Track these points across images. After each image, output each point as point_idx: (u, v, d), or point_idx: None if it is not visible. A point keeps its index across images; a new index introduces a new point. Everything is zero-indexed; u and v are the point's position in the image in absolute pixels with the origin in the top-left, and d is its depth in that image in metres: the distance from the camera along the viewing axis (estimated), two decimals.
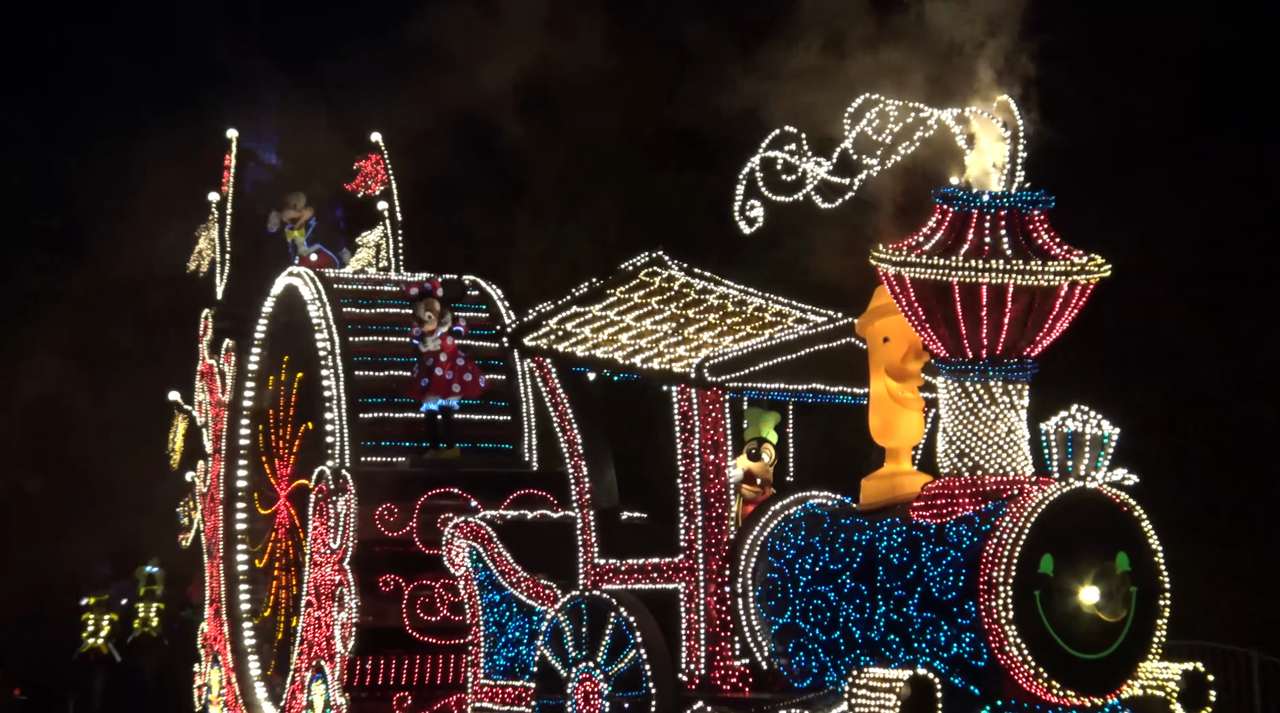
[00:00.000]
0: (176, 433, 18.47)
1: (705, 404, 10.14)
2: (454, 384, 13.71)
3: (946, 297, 9.05)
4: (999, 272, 8.90)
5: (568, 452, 10.99)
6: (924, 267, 9.02)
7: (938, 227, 9.24)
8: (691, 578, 10.17)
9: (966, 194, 9.13)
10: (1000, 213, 9.09)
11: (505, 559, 11.51)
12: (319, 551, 13.57)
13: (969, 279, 8.93)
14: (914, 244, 9.21)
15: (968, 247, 9.06)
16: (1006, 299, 8.98)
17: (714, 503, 10.14)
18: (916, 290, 9.12)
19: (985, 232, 9.07)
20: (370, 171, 17.99)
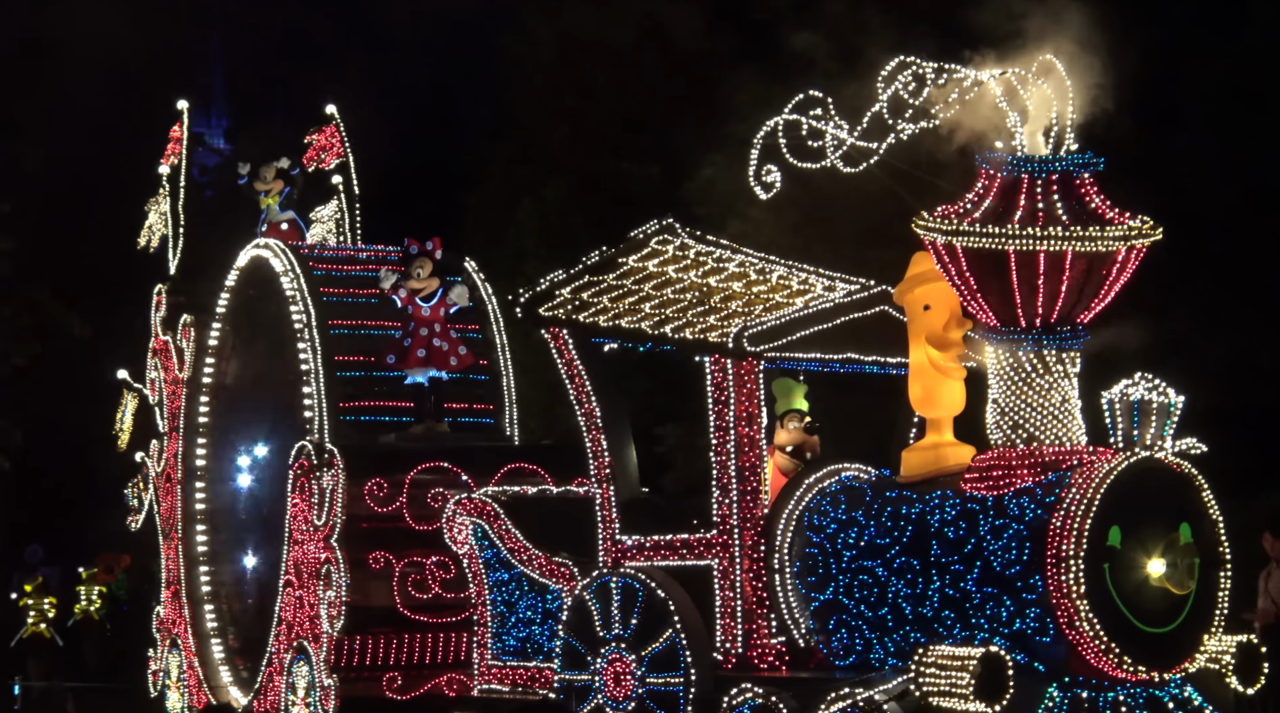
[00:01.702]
0: (126, 412, 17.47)
1: (740, 375, 9.51)
2: (450, 356, 12.92)
3: (1001, 265, 8.49)
4: (1058, 238, 8.36)
5: (586, 425, 10.30)
6: (979, 235, 8.45)
7: (985, 192, 8.68)
8: (725, 554, 9.53)
9: (1016, 158, 8.56)
10: (1051, 177, 8.54)
11: (515, 536, 10.80)
12: (300, 528, 12.75)
13: (1027, 246, 8.37)
14: (961, 212, 8.65)
15: (1021, 212, 8.51)
16: (1064, 265, 8.44)
17: (748, 476, 9.51)
18: (968, 259, 8.55)
19: (1037, 197, 8.52)
20: (325, 144, 17.10)
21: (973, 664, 8.02)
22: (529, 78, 23.78)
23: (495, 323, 14.02)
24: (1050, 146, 8.54)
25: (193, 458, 15.58)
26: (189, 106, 17.17)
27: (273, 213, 15.52)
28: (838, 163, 8.96)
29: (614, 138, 23.20)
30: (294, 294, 13.56)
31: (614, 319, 10.15)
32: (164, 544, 16.14)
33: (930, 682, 8.18)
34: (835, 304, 9.66)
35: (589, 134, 23.28)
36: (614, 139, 23.19)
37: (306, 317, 13.39)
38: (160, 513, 16.30)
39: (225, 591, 15.29)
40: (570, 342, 10.34)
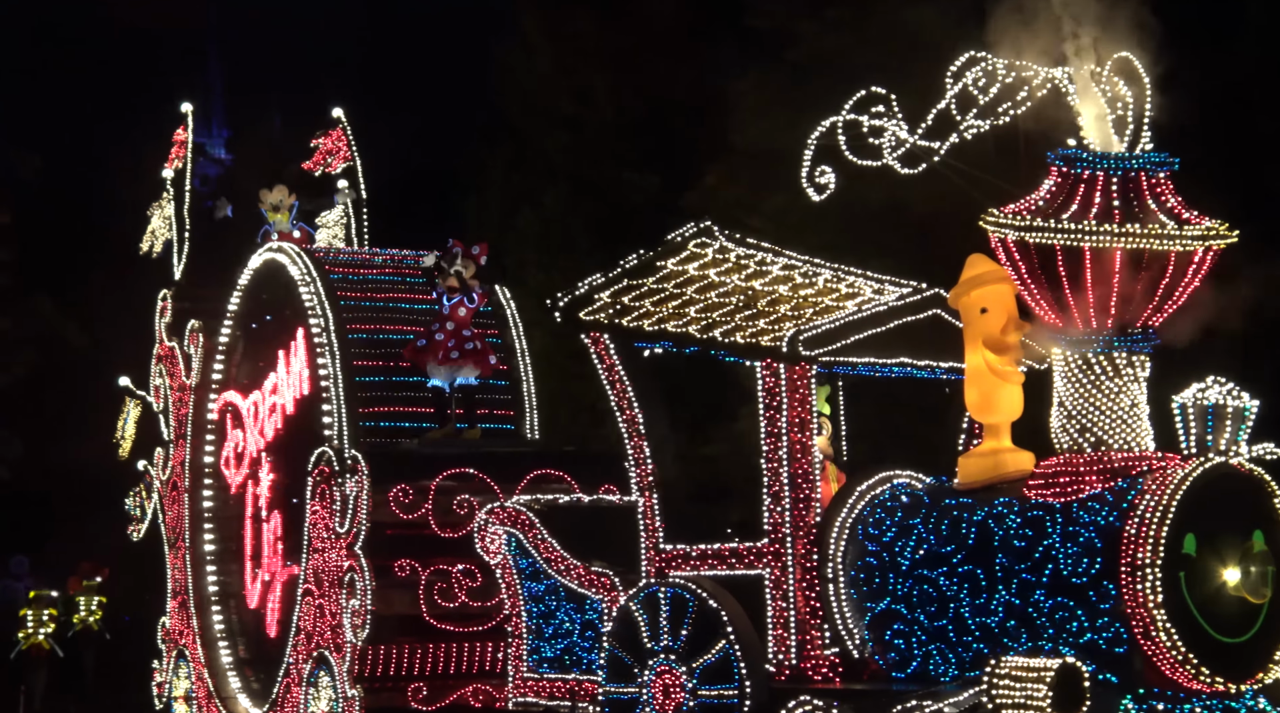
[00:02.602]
0: (128, 420, 16.99)
1: (793, 380, 9.13)
2: (489, 355, 12.52)
3: (1075, 263, 8.14)
4: (1137, 236, 8.02)
5: (627, 432, 9.90)
6: (1055, 231, 8.10)
7: (1056, 190, 8.33)
8: (777, 563, 9.15)
9: (1090, 156, 8.22)
10: (1128, 175, 8.21)
11: (551, 546, 10.38)
12: (320, 536, 12.32)
13: (1104, 243, 8.03)
14: (1032, 209, 8.30)
15: (1096, 210, 8.17)
16: (1140, 265, 8.10)
17: (800, 484, 9.13)
18: (1040, 257, 8.20)
19: (1113, 194, 8.19)
20: (331, 148, 16.69)
21: (1049, 676, 7.67)
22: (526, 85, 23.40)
23: (515, 328, 13.66)
24: (1125, 145, 8.21)
25: (200, 458, 15.14)
26: (192, 109, 16.76)
27: (280, 224, 15.11)
28: (894, 163, 8.61)
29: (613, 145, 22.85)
30: (311, 299, 13.15)
31: (658, 323, 9.76)
32: (170, 554, 15.68)
33: (1004, 694, 7.82)
34: (889, 307, 9.29)
35: (588, 142, 22.91)
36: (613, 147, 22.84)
37: (324, 321, 12.98)
38: (166, 522, 15.84)
39: (234, 601, 14.85)
40: (611, 346, 9.95)
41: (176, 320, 15.86)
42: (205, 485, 15.15)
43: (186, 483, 15.24)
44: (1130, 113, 8.28)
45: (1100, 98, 8.33)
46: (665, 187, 22.54)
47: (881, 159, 8.50)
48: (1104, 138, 8.34)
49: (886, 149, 8.48)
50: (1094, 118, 8.36)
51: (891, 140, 8.47)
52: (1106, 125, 8.34)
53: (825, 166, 8.77)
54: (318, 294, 13.13)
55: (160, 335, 16.20)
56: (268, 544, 13.99)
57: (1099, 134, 8.35)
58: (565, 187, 22.58)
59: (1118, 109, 8.22)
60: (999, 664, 7.89)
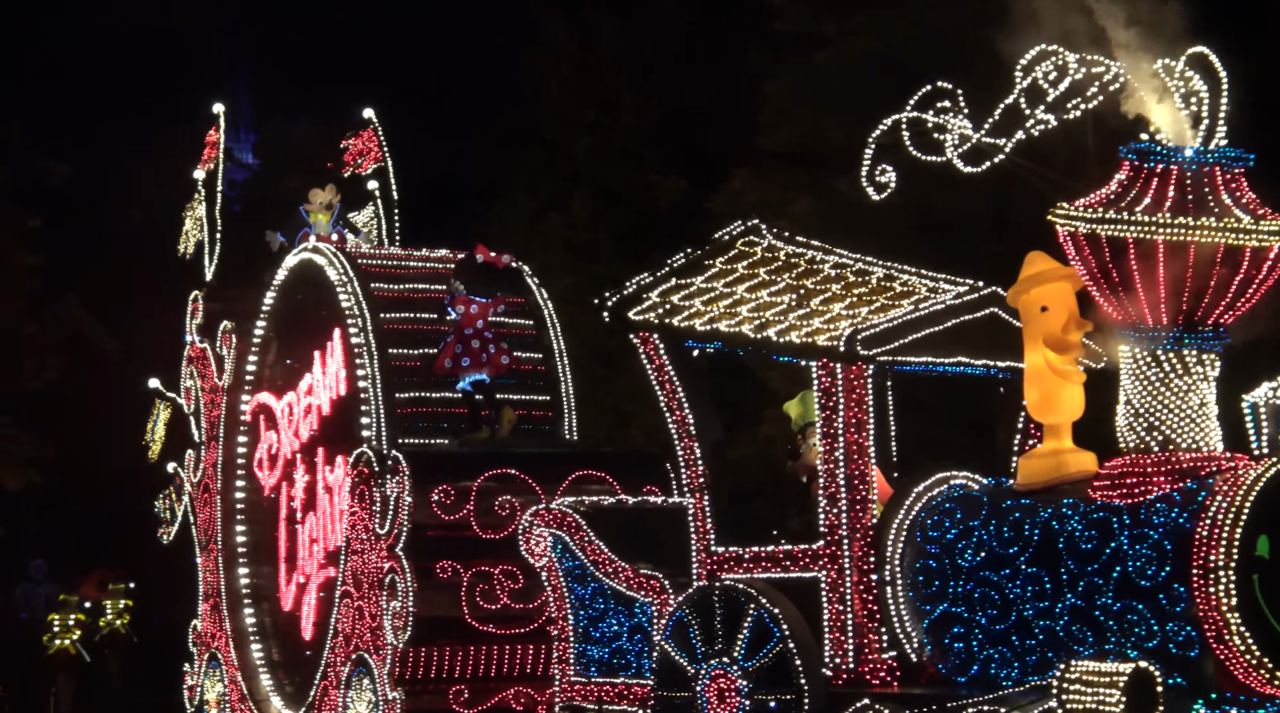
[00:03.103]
0: (158, 422, 16.78)
1: (850, 379, 8.92)
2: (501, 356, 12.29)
3: (1147, 257, 7.91)
4: (1213, 230, 7.80)
5: (678, 433, 9.69)
6: (1128, 224, 7.87)
7: (1129, 184, 8.11)
8: (834, 566, 8.93)
9: (1165, 149, 8.00)
10: (1203, 169, 7.99)
11: (598, 548, 10.16)
12: (359, 537, 12.11)
13: (1179, 237, 7.80)
14: (1103, 202, 8.08)
15: (1170, 203, 7.94)
16: (1215, 260, 7.88)
17: (857, 485, 8.92)
18: (1111, 250, 7.97)
19: (1188, 188, 7.97)
20: (362, 149, 16.48)
21: (1123, 681, 7.44)
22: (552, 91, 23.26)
23: (552, 327, 13.45)
24: (1200, 140, 7.98)
25: (233, 460, 14.93)
26: (224, 110, 16.57)
27: (320, 226, 14.89)
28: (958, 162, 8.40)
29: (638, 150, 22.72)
30: (349, 299, 12.95)
31: (710, 323, 9.55)
32: (201, 556, 15.48)
33: (1075, 700, 7.58)
34: (947, 306, 9.07)
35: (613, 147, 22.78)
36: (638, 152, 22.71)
37: (362, 322, 12.79)
38: (197, 525, 15.63)
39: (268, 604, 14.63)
40: (661, 346, 9.74)
41: (208, 322, 15.66)
42: (238, 487, 14.94)
43: (219, 485, 15.04)
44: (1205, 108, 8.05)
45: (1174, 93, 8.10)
46: (691, 191, 22.44)
47: (944, 156, 8.27)
48: (1178, 133, 8.12)
49: (950, 146, 8.26)
50: (1168, 113, 8.14)
51: (955, 137, 8.25)
52: (1181, 120, 8.12)
53: (886, 165, 8.54)
54: (355, 295, 12.93)
55: (191, 337, 16.00)
56: (303, 546, 13.78)
57: (1173, 129, 8.13)
58: (591, 192, 22.45)
59: (1192, 104, 8.00)
60: (1069, 669, 7.66)
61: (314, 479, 13.66)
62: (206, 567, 15.30)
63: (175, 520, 16.41)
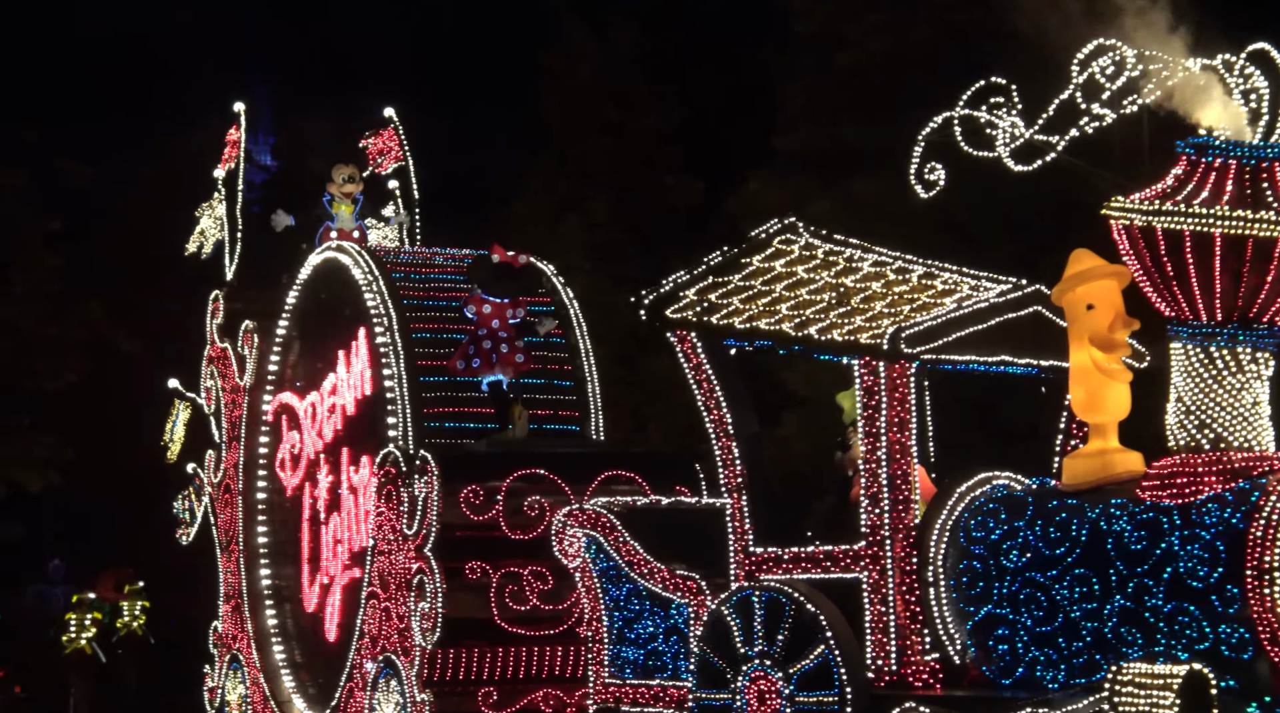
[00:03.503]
0: (177, 422, 16.63)
1: (892, 378, 8.78)
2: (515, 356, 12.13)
3: (1203, 251, 7.76)
4: (1273, 224, 7.64)
5: (715, 432, 9.54)
6: (1187, 216, 7.71)
7: (1185, 178, 7.96)
8: (876, 566, 8.78)
9: (1223, 144, 7.85)
10: (1262, 164, 7.84)
11: (633, 549, 10.01)
12: (386, 538, 11.96)
13: (1238, 230, 7.65)
14: (1160, 196, 7.93)
15: (1226, 198, 7.79)
16: (1273, 254, 7.73)
17: (899, 485, 8.77)
18: (1167, 244, 7.82)
19: (1246, 182, 7.82)
20: (382, 148, 16.34)
21: (1177, 683, 7.30)
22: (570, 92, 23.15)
23: (578, 328, 13.31)
24: (1259, 135, 7.83)
25: (255, 460, 14.79)
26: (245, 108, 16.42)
27: (344, 219, 14.74)
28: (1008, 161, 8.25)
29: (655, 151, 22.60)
30: (374, 299, 12.80)
31: (749, 321, 9.41)
32: (222, 557, 15.33)
33: (1127, 702, 7.44)
34: (990, 304, 8.92)
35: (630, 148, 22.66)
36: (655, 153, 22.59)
37: (388, 321, 12.64)
38: (218, 525, 15.49)
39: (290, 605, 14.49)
40: (699, 345, 9.60)
41: (229, 321, 15.53)
42: (259, 488, 14.81)
43: (240, 485, 14.90)
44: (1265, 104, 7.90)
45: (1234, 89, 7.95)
46: (708, 192, 22.33)
47: (995, 152, 8.13)
48: (1236, 128, 7.97)
49: (1001, 144, 8.11)
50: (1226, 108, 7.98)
51: (1006, 135, 8.10)
52: (1239, 115, 7.97)
53: (935, 162, 8.39)
54: (380, 294, 12.79)
55: (212, 337, 15.86)
56: (326, 547, 13.63)
57: (1231, 124, 7.98)
58: (609, 193, 22.33)
59: (1251, 101, 7.85)
60: (1120, 671, 7.52)
61: (338, 480, 13.52)
62: (227, 568, 15.15)
63: (194, 521, 16.26)
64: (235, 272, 15.90)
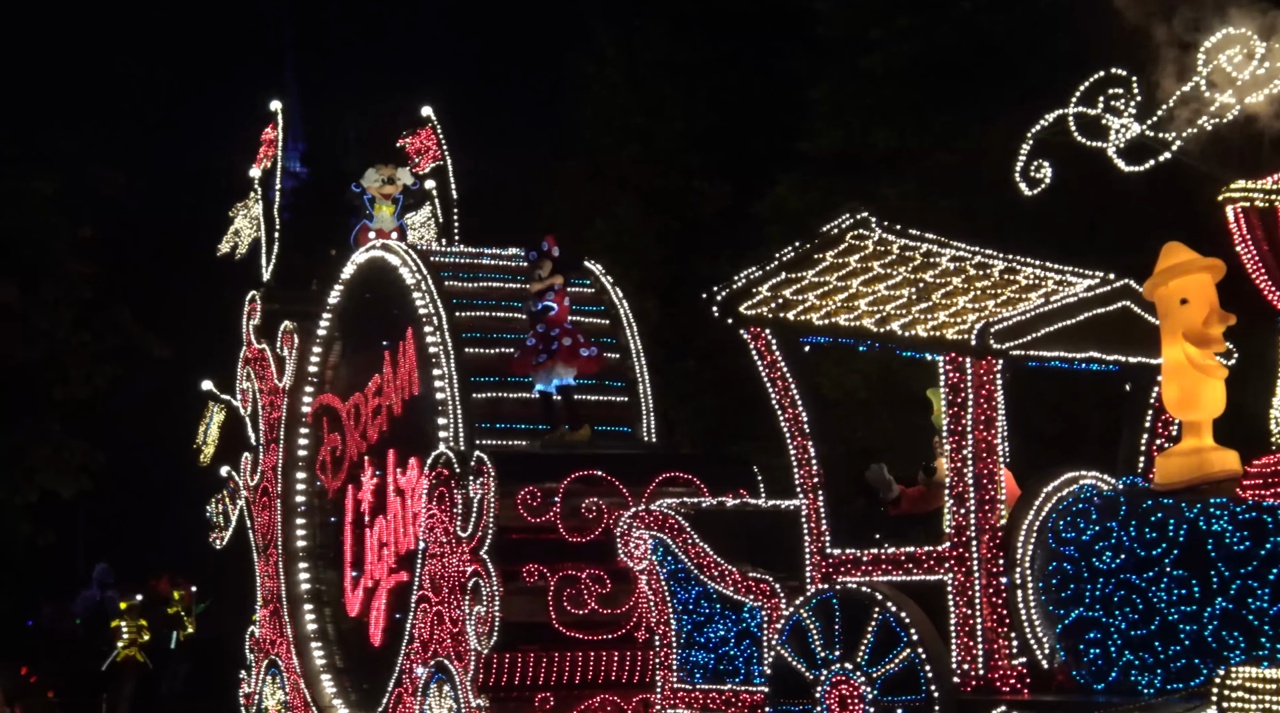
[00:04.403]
0: (212, 425, 16.35)
1: (979, 374, 8.51)
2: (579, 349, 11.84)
3: None
4: None
5: (790, 432, 9.28)
6: None
7: None
8: (961, 568, 8.51)
9: None
10: None
11: (704, 551, 9.73)
12: (438, 540, 11.68)
13: None
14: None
15: None
16: None
17: (986, 484, 8.51)
18: None
19: None
20: (420, 147, 16.07)
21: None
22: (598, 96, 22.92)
23: (628, 327, 13.05)
24: None
25: (294, 462, 14.51)
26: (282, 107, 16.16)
27: (384, 220, 14.48)
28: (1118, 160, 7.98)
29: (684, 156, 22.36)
30: (424, 299, 12.54)
31: (827, 317, 9.14)
32: (260, 561, 15.05)
33: (1237, 708, 7.17)
34: (1079, 298, 8.66)
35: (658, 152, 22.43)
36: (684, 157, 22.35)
37: (438, 321, 12.38)
38: (255, 529, 15.20)
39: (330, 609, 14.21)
40: (773, 342, 9.33)
41: (266, 322, 15.26)
42: (298, 490, 14.53)
43: (279, 488, 14.62)
44: None
45: None
46: (736, 197, 22.06)
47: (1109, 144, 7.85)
48: None
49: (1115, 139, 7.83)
50: None
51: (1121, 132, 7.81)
52: None
53: (1042, 159, 8.12)
54: (430, 293, 12.53)
55: (249, 338, 15.59)
56: (371, 550, 13.34)
57: None
58: (637, 198, 22.09)
59: None
60: (1229, 675, 7.24)
61: (383, 482, 13.24)
62: (265, 571, 14.87)
63: (229, 525, 16.00)
64: (273, 272, 15.65)
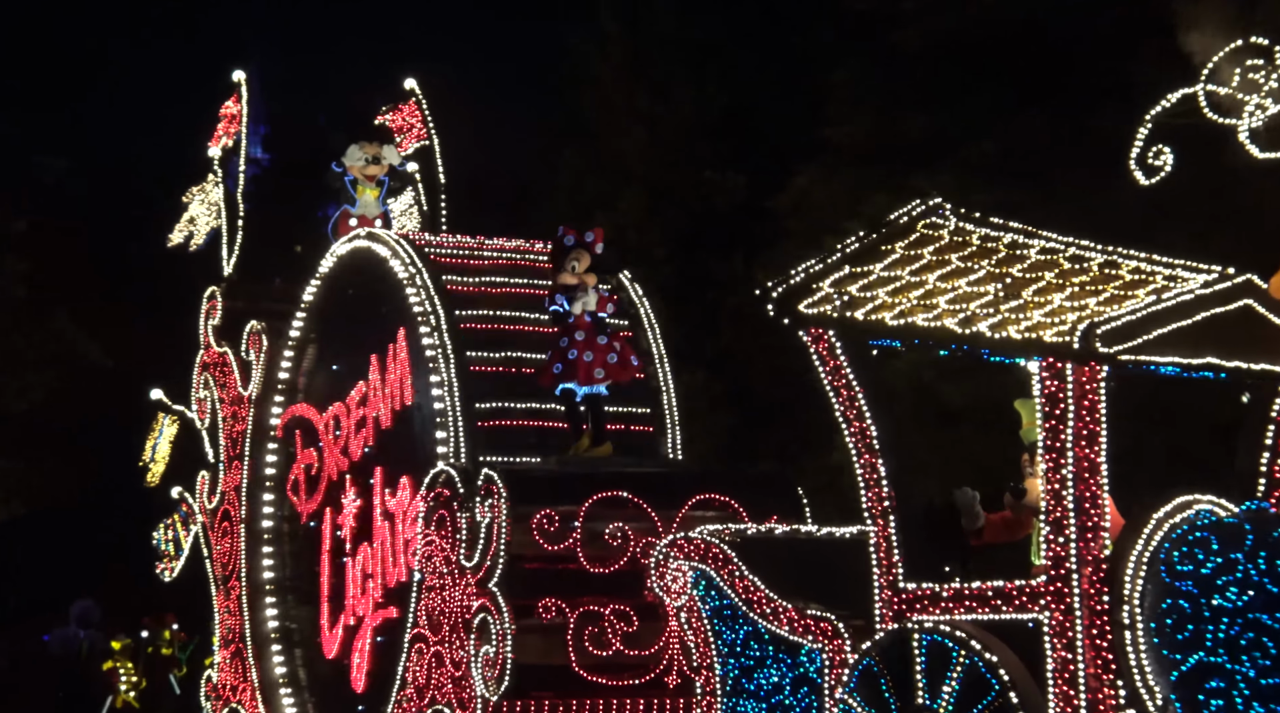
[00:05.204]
0: (162, 439, 16.02)
1: (1081, 382, 8.26)
2: (595, 367, 11.57)
3: None
4: None
5: (857, 448, 9.00)
6: None
7: None
8: (1060, 606, 8.24)
9: None
10: None
11: (753, 585, 9.44)
12: (437, 571, 11.36)
13: None
14: None
15: None
16: None
17: (1088, 509, 8.24)
18: None
19: None
20: (403, 125, 15.81)
21: None
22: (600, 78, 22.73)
23: (650, 329, 12.80)
24: None
25: (262, 481, 14.18)
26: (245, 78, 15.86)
27: (367, 205, 14.17)
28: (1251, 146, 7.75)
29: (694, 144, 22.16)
30: (419, 295, 12.24)
31: (901, 317, 8.87)
32: (219, 595, 14.71)
33: None
34: (1195, 296, 8.39)
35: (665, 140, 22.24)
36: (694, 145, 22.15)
37: (436, 322, 12.08)
38: (213, 558, 14.86)
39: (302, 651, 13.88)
40: (838, 345, 9.06)
41: (228, 322, 14.95)
42: (265, 514, 14.20)
43: (243, 512, 14.28)
44: None
45: None
46: (752, 189, 21.90)
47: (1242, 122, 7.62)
48: None
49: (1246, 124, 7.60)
50: None
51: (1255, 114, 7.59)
52: None
53: (1162, 145, 7.90)
54: (426, 289, 12.23)
55: (207, 340, 15.27)
56: (353, 583, 13.01)
57: None
58: (642, 190, 21.90)
59: None
60: None
61: (368, 504, 12.92)
62: (225, 607, 14.53)
63: (180, 554, 15.66)
64: (235, 265, 15.34)
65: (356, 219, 14.04)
